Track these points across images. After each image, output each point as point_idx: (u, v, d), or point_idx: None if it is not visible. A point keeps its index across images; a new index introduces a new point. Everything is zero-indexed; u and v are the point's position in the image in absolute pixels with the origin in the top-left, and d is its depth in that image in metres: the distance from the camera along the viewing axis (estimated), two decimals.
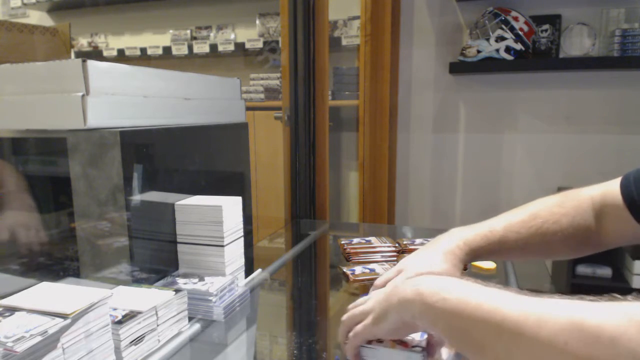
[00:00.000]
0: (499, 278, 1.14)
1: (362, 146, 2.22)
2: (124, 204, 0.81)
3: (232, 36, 3.06)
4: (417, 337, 0.73)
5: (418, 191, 2.44)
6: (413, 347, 0.69)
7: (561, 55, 2.08)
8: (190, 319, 0.83)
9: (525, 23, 2.00)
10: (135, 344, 0.70)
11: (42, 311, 0.58)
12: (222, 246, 0.91)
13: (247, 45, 2.83)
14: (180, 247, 0.95)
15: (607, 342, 0.35)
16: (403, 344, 0.69)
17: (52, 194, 0.97)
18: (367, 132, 2.19)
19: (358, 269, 1.15)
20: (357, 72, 2.38)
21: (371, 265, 1.18)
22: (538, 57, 2.09)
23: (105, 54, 3.25)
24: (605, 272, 1.93)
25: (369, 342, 0.67)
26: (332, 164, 2.49)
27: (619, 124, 2.09)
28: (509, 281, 1.08)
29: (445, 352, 0.72)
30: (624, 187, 0.70)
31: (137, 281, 0.85)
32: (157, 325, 0.74)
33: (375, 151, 2.18)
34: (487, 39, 2.03)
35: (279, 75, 2.70)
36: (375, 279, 0.93)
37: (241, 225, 0.97)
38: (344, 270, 1.15)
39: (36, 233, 0.95)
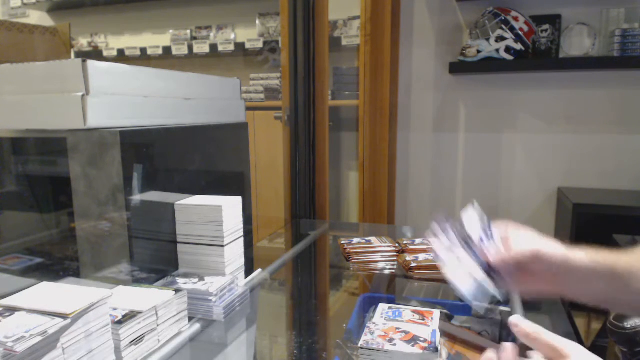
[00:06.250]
0: None
1: (362, 146, 2.22)
2: (124, 204, 0.81)
3: (232, 36, 3.06)
4: (428, 336, 0.73)
5: (418, 191, 2.44)
6: (427, 348, 0.69)
7: (561, 55, 2.08)
8: (190, 318, 0.83)
9: (525, 23, 2.00)
10: (135, 344, 0.70)
11: (42, 311, 0.58)
12: (222, 246, 0.91)
13: (247, 45, 2.83)
14: (180, 247, 0.95)
15: None
16: (418, 344, 0.70)
17: (52, 194, 0.97)
18: (367, 132, 2.19)
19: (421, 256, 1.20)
20: (357, 72, 2.38)
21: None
22: (538, 57, 2.09)
23: (105, 54, 3.25)
24: None
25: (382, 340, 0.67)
26: (332, 164, 2.49)
27: (619, 124, 2.09)
28: None
29: (445, 352, 0.72)
30: None
31: (137, 281, 0.85)
32: (157, 325, 0.74)
33: (375, 151, 2.18)
34: (487, 39, 2.03)
35: (279, 75, 2.70)
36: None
37: (241, 225, 0.97)
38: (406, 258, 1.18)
39: None
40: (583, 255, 0.66)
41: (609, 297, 0.68)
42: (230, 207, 0.92)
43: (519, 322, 0.52)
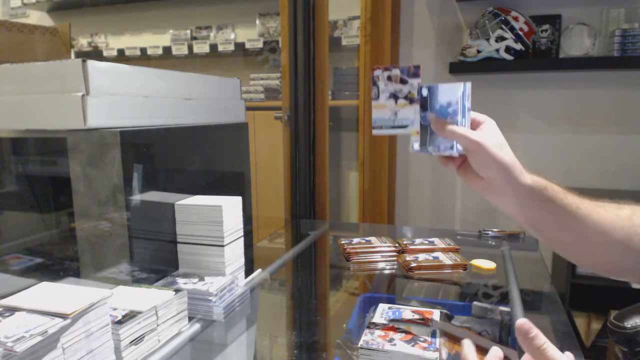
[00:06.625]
0: (498, 278, 1.14)
1: (362, 146, 2.22)
2: (124, 204, 0.81)
3: (232, 36, 3.06)
4: (428, 337, 0.73)
5: (418, 191, 2.44)
6: (427, 348, 0.69)
7: (561, 55, 2.08)
8: (190, 318, 0.83)
9: (525, 23, 2.00)
10: (135, 344, 0.70)
11: (42, 311, 0.58)
12: (222, 246, 0.91)
13: (247, 45, 2.83)
14: (180, 247, 0.95)
15: None
16: (418, 344, 0.70)
17: (52, 194, 0.97)
18: (367, 132, 2.19)
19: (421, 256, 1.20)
20: (357, 72, 2.38)
21: (435, 254, 1.22)
22: (538, 57, 2.09)
23: (105, 54, 3.25)
24: None
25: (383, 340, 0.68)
26: (332, 164, 2.49)
27: (619, 124, 2.09)
28: (509, 281, 1.08)
29: (445, 352, 0.72)
30: None
31: (137, 281, 0.85)
32: (157, 325, 0.74)
33: (375, 151, 2.18)
34: (487, 39, 2.03)
35: (279, 75, 2.70)
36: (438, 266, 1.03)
37: (241, 225, 0.97)
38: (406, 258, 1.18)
39: None
40: (527, 174, 0.64)
41: (537, 222, 0.66)
42: (230, 207, 0.92)
43: (529, 330, 0.48)
